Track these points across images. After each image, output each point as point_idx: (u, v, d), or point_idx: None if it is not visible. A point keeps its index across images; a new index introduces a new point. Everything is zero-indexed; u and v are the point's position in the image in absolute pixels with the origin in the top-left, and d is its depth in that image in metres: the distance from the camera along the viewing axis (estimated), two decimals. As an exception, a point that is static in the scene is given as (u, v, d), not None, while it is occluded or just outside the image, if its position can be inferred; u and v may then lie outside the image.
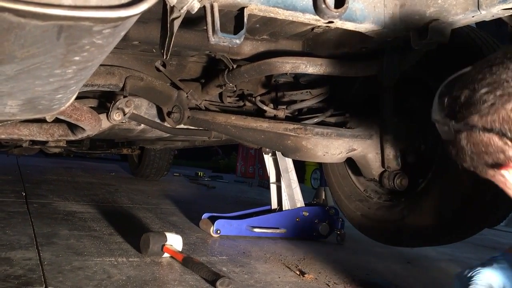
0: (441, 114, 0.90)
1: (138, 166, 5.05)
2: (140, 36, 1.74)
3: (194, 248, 2.04)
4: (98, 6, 0.56)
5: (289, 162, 2.65)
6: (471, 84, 0.82)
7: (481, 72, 0.81)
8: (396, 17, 1.45)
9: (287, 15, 1.31)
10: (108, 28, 0.61)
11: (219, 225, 2.34)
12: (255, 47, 1.91)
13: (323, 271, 1.91)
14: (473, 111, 0.81)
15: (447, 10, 1.34)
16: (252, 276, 1.71)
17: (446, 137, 0.91)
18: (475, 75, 0.82)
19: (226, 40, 1.21)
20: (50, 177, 4.15)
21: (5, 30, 0.58)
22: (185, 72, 2.28)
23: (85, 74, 0.84)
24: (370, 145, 2.03)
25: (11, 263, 1.51)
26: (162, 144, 3.99)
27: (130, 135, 2.95)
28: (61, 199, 2.96)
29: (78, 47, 0.66)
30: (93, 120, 1.73)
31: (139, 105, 2.35)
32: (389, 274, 2.05)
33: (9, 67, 0.71)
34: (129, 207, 2.96)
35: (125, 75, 2.02)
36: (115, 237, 2.05)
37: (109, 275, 1.50)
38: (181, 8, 0.97)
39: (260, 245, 2.27)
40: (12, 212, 2.34)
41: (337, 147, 1.98)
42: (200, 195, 4.48)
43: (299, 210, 2.56)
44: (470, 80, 0.82)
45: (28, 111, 1.09)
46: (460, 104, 0.83)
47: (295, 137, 1.96)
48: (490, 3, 1.23)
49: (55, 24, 0.57)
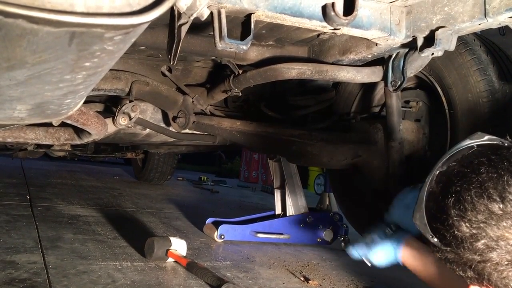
0: (426, 227, 0.91)
1: (142, 170, 5.06)
2: (147, 42, 1.75)
3: (198, 253, 2.04)
4: (110, 13, 0.56)
5: (294, 167, 2.65)
6: (466, 217, 0.82)
7: (480, 198, 0.81)
8: (402, 24, 1.46)
9: (293, 22, 1.31)
10: (119, 35, 0.61)
11: (223, 230, 2.34)
12: (261, 53, 1.92)
13: (328, 278, 1.91)
14: (464, 253, 0.83)
15: (454, 17, 1.34)
16: (256, 282, 1.71)
17: (421, 232, 0.94)
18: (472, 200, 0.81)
19: (233, 46, 1.22)
20: (54, 181, 4.15)
21: (18, 36, 0.59)
22: (190, 77, 2.29)
23: (94, 80, 0.84)
24: (376, 152, 2.02)
25: (16, 266, 1.51)
26: (167, 149, 4.00)
27: (135, 140, 2.96)
28: (66, 203, 2.96)
29: (89, 53, 0.66)
30: (99, 124, 1.74)
31: (145, 109, 2.36)
32: (395, 281, 2.04)
33: (20, 72, 0.72)
34: (133, 211, 2.96)
35: (131, 80, 2.04)
36: (119, 241, 2.05)
37: (114, 280, 1.50)
38: (191, 15, 0.98)
39: (264, 251, 2.27)
40: (17, 215, 2.35)
41: (342, 153, 1.98)
42: (204, 199, 4.48)
43: (303, 215, 2.55)
44: (465, 208, 0.82)
45: (37, 115, 1.09)
46: (452, 236, 0.84)
47: (300, 142, 1.96)
48: (497, 11, 1.23)
49: (68, 30, 0.57)
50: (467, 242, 0.81)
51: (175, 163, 4.92)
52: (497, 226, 0.78)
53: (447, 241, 0.85)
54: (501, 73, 1.71)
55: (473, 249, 0.81)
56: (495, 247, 0.78)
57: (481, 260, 0.80)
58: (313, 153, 1.96)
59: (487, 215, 0.79)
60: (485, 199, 0.79)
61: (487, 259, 0.79)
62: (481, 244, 0.79)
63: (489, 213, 0.79)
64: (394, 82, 1.75)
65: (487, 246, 0.79)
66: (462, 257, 0.83)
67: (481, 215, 0.79)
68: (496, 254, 0.79)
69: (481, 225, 0.79)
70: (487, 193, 0.79)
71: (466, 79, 1.77)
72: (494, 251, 0.79)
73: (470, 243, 0.81)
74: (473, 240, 0.80)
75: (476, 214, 0.80)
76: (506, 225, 0.78)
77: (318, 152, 1.95)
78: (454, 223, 0.82)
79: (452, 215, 0.83)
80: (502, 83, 1.69)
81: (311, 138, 1.96)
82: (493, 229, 0.78)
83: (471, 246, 0.81)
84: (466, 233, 0.81)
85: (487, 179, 0.80)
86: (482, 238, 0.79)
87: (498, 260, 0.79)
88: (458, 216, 0.82)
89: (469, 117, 1.77)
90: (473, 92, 1.74)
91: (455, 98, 1.82)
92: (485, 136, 0.93)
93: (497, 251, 0.78)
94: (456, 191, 0.84)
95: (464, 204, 0.81)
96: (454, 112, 1.84)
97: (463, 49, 1.78)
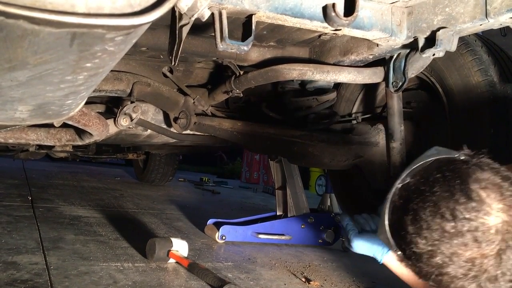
0: (390, 241, 0.98)
1: (143, 171, 5.06)
2: (148, 43, 1.76)
3: (199, 253, 2.04)
4: (111, 14, 0.56)
5: (295, 168, 2.65)
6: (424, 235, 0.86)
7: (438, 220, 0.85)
8: (403, 25, 1.46)
9: (294, 22, 1.32)
10: (120, 36, 0.61)
11: (225, 231, 2.33)
12: (262, 53, 1.92)
13: (329, 279, 1.91)
14: (423, 266, 0.88)
15: (455, 18, 1.34)
16: (257, 283, 1.71)
17: (385, 244, 1.01)
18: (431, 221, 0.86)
19: (234, 47, 1.22)
20: (56, 182, 4.16)
21: (19, 37, 0.59)
22: (192, 78, 2.29)
23: (96, 80, 0.84)
24: (377, 152, 2.02)
25: (18, 267, 1.51)
26: (168, 150, 4.00)
27: (137, 140, 2.97)
28: (67, 204, 2.96)
29: (90, 54, 0.66)
30: (100, 125, 1.74)
31: (146, 110, 2.37)
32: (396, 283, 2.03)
33: (22, 73, 0.72)
34: (135, 212, 2.97)
35: (132, 81, 2.04)
36: (120, 242, 2.05)
37: (115, 280, 1.50)
38: (192, 15, 0.98)
39: (265, 252, 2.27)
40: (19, 216, 2.35)
41: (344, 154, 1.98)
42: (205, 200, 4.48)
43: (305, 216, 2.55)
44: (425, 226, 0.86)
45: (38, 116, 1.09)
46: (411, 251, 0.89)
47: (302, 143, 1.96)
48: (498, 12, 1.23)
49: (69, 31, 0.58)
50: (424, 257, 0.87)
51: (177, 164, 4.92)
52: (450, 243, 0.83)
53: (407, 255, 0.91)
54: (503, 74, 1.71)
55: (430, 264, 0.86)
56: (450, 263, 0.84)
57: (438, 273, 0.86)
58: (315, 154, 1.96)
59: (440, 233, 0.84)
60: (438, 218, 0.84)
61: (443, 272, 0.85)
62: (437, 260, 0.85)
63: (442, 231, 0.84)
64: (395, 83, 1.75)
65: (443, 261, 0.84)
66: (422, 270, 0.89)
67: (435, 233, 0.84)
68: (451, 269, 0.84)
69: (436, 243, 0.84)
70: (440, 212, 0.84)
71: (467, 80, 1.76)
72: (449, 266, 0.84)
73: (427, 259, 0.86)
74: (430, 256, 0.86)
75: (431, 232, 0.85)
76: (458, 242, 0.82)
77: (319, 153, 1.95)
78: (412, 239, 0.88)
79: (410, 232, 0.88)
80: (503, 84, 1.69)
81: (312, 139, 1.96)
82: (447, 246, 0.83)
83: (428, 262, 0.86)
84: (423, 250, 0.86)
85: (441, 198, 0.85)
86: (437, 255, 0.84)
87: (454, 274, 0.84)
88: (415, 233, 0.87)
89: (470, 118, 1.77)
90: (474, 92, 1.74)
91: (456, 99, 1.82)
92: (442, 150, 0.98)
93: (452, 266, 0.84)
94: (413, 208, 0.89)
95: (420, 222, 0.87)
96: (455, 113, 1.83)
97: (464, 49, 1.78)
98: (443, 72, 1.86)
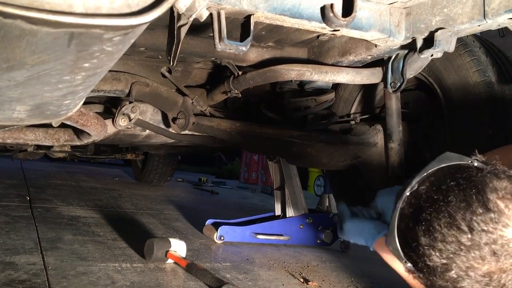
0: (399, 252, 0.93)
1: (141, 171, 5.06)
2: (146, 43, 1.75)
3: (197, 254, 2.04)
4: (109, 14, 0.56)
5: (293, 169, 2.65)
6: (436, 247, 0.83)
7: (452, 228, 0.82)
8: (401, 26, 1.46)
9: (293, 23, 1.32)
10: (118, 36, 0.61)
11: (223, 231, 2.33)
12: (261, 54, 1.92)
13: (327, 279, 1.91)
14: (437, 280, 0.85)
15: (453, 19, 1.34)
16: (255, 283, 1.71)
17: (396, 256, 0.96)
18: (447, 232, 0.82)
19: (233, 47, 1.22)
20: (54, 182, 4.15)
21: (16, 37, 0.59)
22: (190, 78, 2.29)
23: (94, 81, 0.84)
24: (375, 153, 2.02)
25: (16, 267, 1.51)
26: (167, 150, 4.00)
27: (135, 141, 2.96)
28: (65, 204, 2.96)
29: (88, 54, 0.66)
30: (99, 125, 1.74)
31: (145, 111, 2.36)
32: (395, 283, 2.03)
33: (19, 73, 0.72)
34: (133, 212, 2.96)
35: (131, 81, 2.04)
36: (119, 243, 2.05)
37: (113, 281, 1.50)
38: (190, 16, 0.98)
39: (263, 252, 2.27)
40: (17, 217, 2.34)
41: (342, 154, 1.98)
42: (204, 201, 4.48)
43: (303, 217, 2.55)
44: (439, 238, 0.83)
45: (36, 116, 1.09)
46: (424, 264, 0.86)
47: (300, 144, 1.96)
48: (496, 12, 1.23)
49: (67, 31, 0.57)
50: (438, 271, 0.83)
51: (175, 164, 4.92)
52: (466, 257, 0.79)
53: (419, 267, 0.87)
54: (501, 75, 1.71)
55: (445, 278, 0.83)
56: (465, 277, 0.80)
57: (453, 287, 0.83)
58: (313, 154, 1.96)
59: (456, 246, 0.80)
60: (454, 229, 0.80)
61: (458, 287, 0.82)
62: (452, 274, 0.81)
63: (458, 244, 0.80)
64: (394, 84, 1.75)
65: (458, 275, 0.81)
66: (435, 284, 0.85)
67: (450, 245, 0.81)
68: (467, 283, 0.81)
69: (451, 256, 0.81)
70: (456, 223, 0.80)
71: (465, 81, 1.77)
72: (464, 281, 0.81)
73: (441, 273, 0.83)
74: (444, 270, 0.82)
75: (446, 244, 0.81)
76: (475, 256, 0.79)
77: (317, 153, 1.95)
78: (425, 252, 0.84)
79: (423, 244, 0.84)
80: (501, 84, 1.70)
81: (310, 139, 1.96)
82: (463, 260, 0.80)
83: (442, 276, 0.83)
84: (437, 263, 0.83)
85: (456, 209, 0.81)
86: (452, 269, 0.81)
87: None
88: (428, 245, 0.83)
89: (468, 119, 1.77)
90: (473, 93, 1.74)
91: (454, 100, 1.82)
92: (453, 156, 0.93)
93: (467, 281, 0.80)
94: (426, 219, 0.85)
95: (434, 234, 0.83)
96: (453, 114, 1.84)
97: (462, 50, 1.78)
98: (441, 72, 1.86)
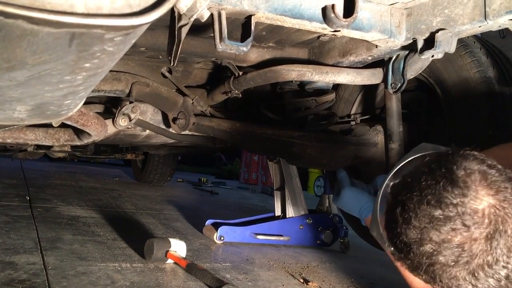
0: (383, 238, 0.99)
1: (141, 171, 5.06)
2: (147, 43, 1.75)
3: (197, 254, 2.03)
4: (110, 14, 0.56)
5: (293, 169, 2.65)
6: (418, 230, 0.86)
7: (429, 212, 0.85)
8: (402, 26, 1.46)
9: (294, 23, 1.32)
10: (119, 36, 0.61)
11: (223, 231, 2.33)
12: (261, 54, 1.92)
13: (327, 279, 1.91)
14: (414, 258, 0.88)
15: (454, 20, 1.34)
16: (255, 284, 1.71)
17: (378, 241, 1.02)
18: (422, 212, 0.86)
19: (233, 47, 1.22)
20: (54, 182, 4.15)
21: (18, 37, 0.59)
22: (191, 79, 2.29)
23: (94, 81, 0.84)
24: (375, 154, 2.02)
25: (15, 267, 1.51)
26: (167, 150, 3.99)
27: (135, 141, 2.96)
28: (65, 204, 2.96)
29: (89, 54, 0.66)
30: (99, 125, 1.74)
31: (145, 111, 2.36)
32: (395, 284, 2.03)
33: (20, 73, 0.72)
34: (133, 213, 2.96)
35: (131, 81, 2.04)
36: (118, 243, 2.05)
37: (113, 281, 1.50)
38: (191, 16, 0.98)
39: (263, 252, 2.26)
40: (16, 216, 2.34)
41: (342, 155, 1.98)
42: (204, 201, 4.48)
43: (303, 217, 2.55)
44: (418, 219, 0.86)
45: (36, 116, 1.09)
46: (402, 243, 0.90)
47: (300, 144, 1.96)
48: (497, 13, 1.23)
49: (68, 31, 0.57)
50: (414, 247, 0.86)
51: (175, 164, 4.91)
52: (438, 230, 0.83)
53: (398, 248, 0.91)
54: (501, 76, 1.71)
55: (421, 253, 0.85)
56: (440, 250, 0.83)
57: (429, 263, 0.85)
58: (313, 155, 1.95)
59: (428, 220, 0.84)
60: (425, 205, 0.84)
61: (435, 261, 0.84)
62: (427, 248, 0.84)
63: (430, 218, 0.84)
64: (394, 84, 1.75)
65: (433, 249, 0.84)
66: (414, 261, 0.88)
67: (423, 220, 0.84)
68: (442, 256, 0.83)
69: (424, 230, 0.84)
70: (426, 199, 0.84)
71: (466, 81, 1.77)
72: (439, 254, 0.83)
73: (417, 248, 0.86)
74: (419, 245, 0.85)
75: (419, 220, 0.85)
76: (447, 229, 0.82)
77: (317, 153, 1.95)
78: (401, 230, 0.88)
79: (400, 223, 0.89)
80: (502, 85, 1.70)
81: (311, 140, 1.96)
82: (436, 233, 0.83)
83: (418, 251, 0.86)
84: (412, 239, 0.86)
85: (426, 187, 0.86)
86: (427, 243, 0.84)
87: (445, 262, 0.83)
88: (404, 223, 0.88)
89: (468, 119, 1.77)
90: (473, 94, 1.74)
91: (455, 100, 1.82)
92: (429, 146, 1.00)
93: (443, 253, 0.83)
94: (402, 200, 0.90)
95: (408, 212, 0.87)
96: (453, 114, 1.83)
97: (463, 51, 1.78)
98: (442, 73, 1.86)
